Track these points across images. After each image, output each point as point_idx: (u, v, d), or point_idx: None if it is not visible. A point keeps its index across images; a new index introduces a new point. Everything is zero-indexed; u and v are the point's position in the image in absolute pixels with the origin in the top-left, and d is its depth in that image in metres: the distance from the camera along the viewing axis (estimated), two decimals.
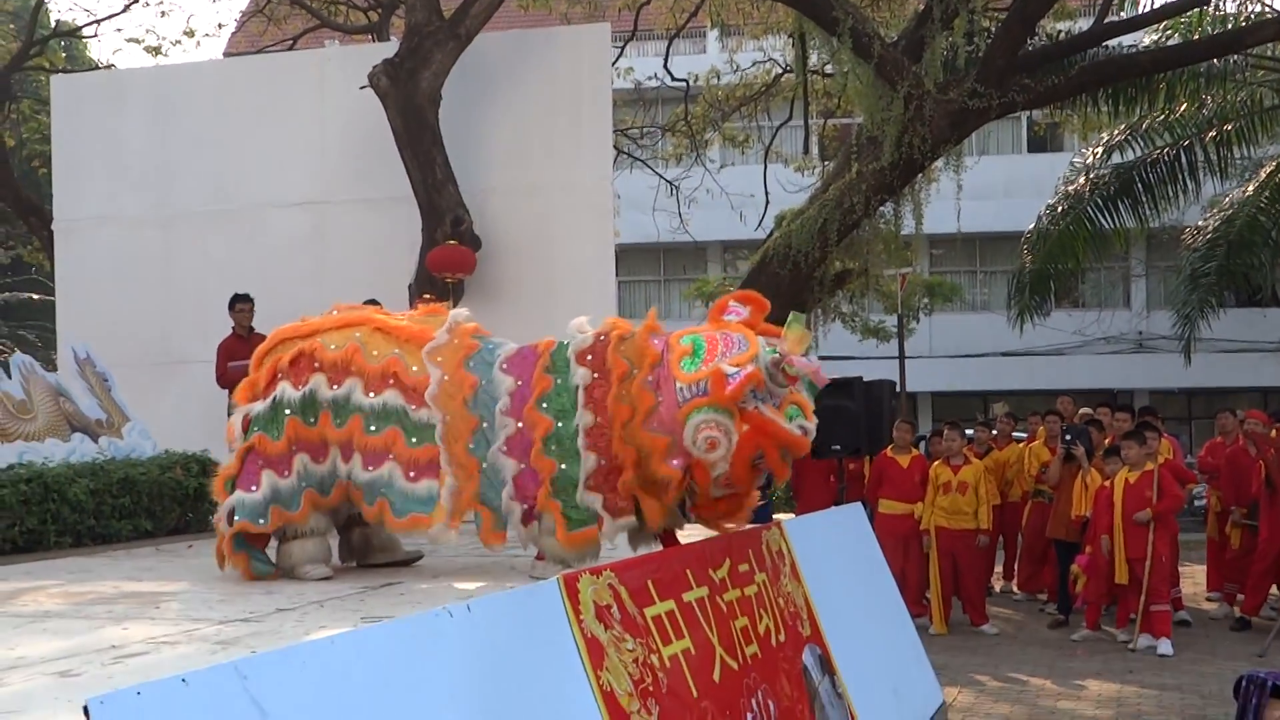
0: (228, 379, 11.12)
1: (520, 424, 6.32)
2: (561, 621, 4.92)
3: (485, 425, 6.40)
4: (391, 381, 6.56)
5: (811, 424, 6.22)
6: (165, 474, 9.61)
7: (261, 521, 6.59)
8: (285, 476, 6.59)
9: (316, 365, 6.65)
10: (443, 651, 4.24)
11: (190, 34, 36.96)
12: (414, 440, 6.47)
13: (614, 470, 6.23)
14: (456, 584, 6.46)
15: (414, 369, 6.56)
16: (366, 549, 7.19)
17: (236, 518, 6.62)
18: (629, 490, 6.21)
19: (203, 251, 13.65)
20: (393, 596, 6.05)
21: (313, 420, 6.58)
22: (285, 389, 6.64)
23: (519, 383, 6.40)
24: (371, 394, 6.54)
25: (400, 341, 6.71)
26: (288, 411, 6.61)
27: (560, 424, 6.26)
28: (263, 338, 7.30)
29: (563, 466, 6.25)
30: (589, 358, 6.33)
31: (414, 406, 6.48)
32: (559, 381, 6.34)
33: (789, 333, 6.18)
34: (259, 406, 6.71)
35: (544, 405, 6.30)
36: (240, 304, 11.79)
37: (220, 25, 30.62)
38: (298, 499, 6.61)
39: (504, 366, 6.48)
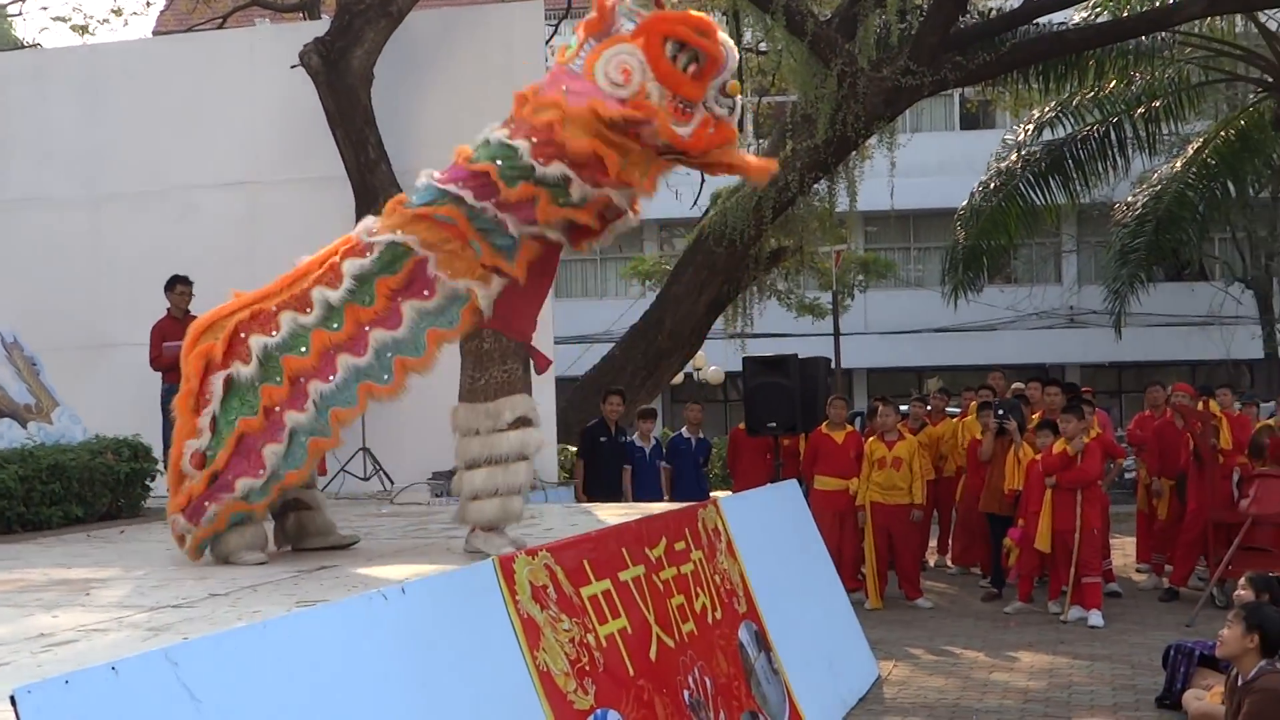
0: (163, 361, 10.99)
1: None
2: (497, 602, 4.94)
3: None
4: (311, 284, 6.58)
5: None
6: (96, 459, 9.49)
7: (260, 499, 6.57)
8: (280, 441, 6.51)
9: (244, 335, 6.58)
10: (377, 635, 4.24)
11: (118, 12, 36.51)
12: (335, 325, 6.49)
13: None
14: (391, 566, 6.45)
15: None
16: (301, 534, 7.15)
17: (252, 500, 6.55)
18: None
19: (133, 233, 13.46)
20: (327, 580, 6.03)
21: (278, 378, 6.50)
22: (239, 370, 6.55)
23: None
24: (308, 309, 6.52)
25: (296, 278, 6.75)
26: (257, 384, 6.53)
27: (500, 162, 6.31)
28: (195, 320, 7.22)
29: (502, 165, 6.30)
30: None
31: (332, 289, 6.51)
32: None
33: None
34: (215, 407, 6.59)
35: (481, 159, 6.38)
36: (181, 286, 11.63)
37: (148, 3, 30.03)
38: (303, 451, 6.54)
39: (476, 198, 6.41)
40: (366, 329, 6.43)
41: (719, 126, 6.33)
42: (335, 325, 6.47)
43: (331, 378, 6.42)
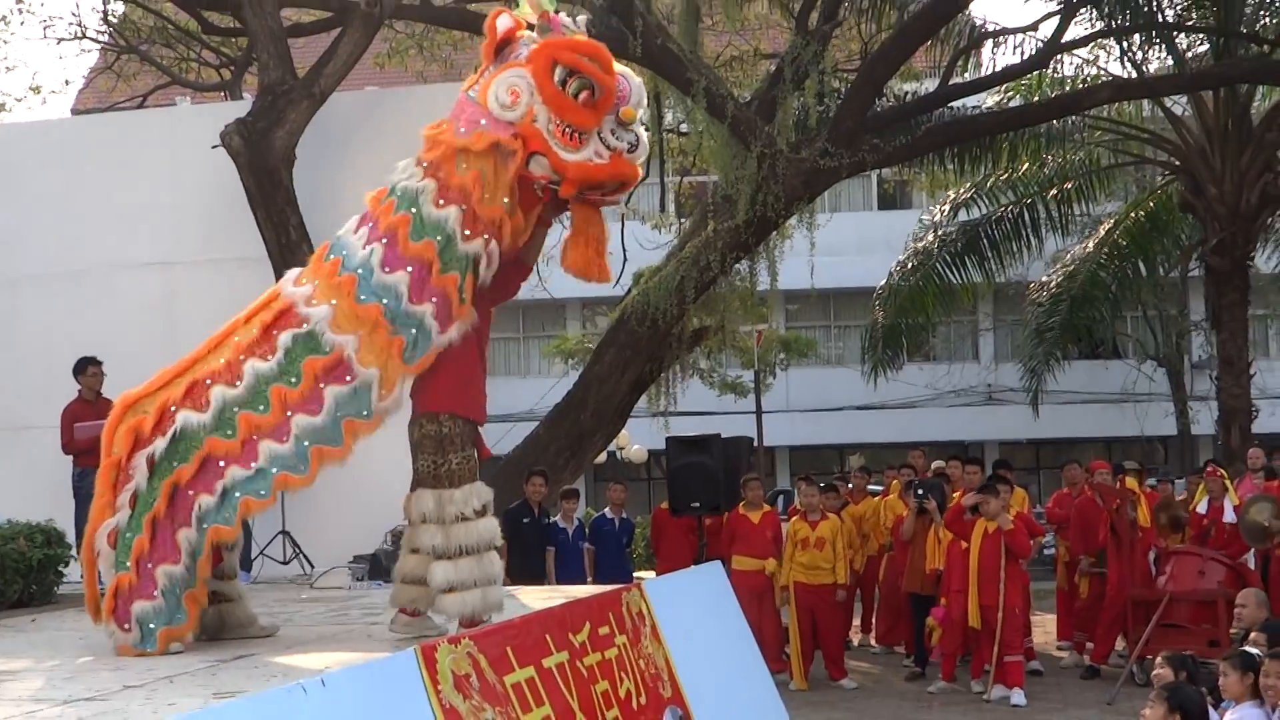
0: (75, 445, 10.78)
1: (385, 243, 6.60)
2: (419, 693, 4.87)
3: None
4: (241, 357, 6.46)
5: None
6: (8, 545, 9.28)
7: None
8: (189, 526, 6.35)
9: (173, 408, 6.44)
10: None
11: (36, 90, 36.28)
12: (261, 408, 6.33)
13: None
14: (312, 654, 6.34)
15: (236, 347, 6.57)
16: (221, 627, 6.98)
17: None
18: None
19: (49, 314, 13.25)
20: (246, 669, 5.92)
21: (188, 452, 6.34)
22: (158, 445, 6.40)
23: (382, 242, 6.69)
24: (237, 383, 6.37)
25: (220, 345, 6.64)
26: (174, 463, 6.38)
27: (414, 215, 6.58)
28: (109, 403, 7.09)
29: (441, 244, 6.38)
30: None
31: (262, 356, 6.42)
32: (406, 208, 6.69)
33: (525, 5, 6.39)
34: (140, 483, 6.43)
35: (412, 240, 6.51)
36: (91, 367, 11.44)
37: (67, 82, 29.97)
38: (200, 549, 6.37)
39: (385, 269, 6.53)
40: (289, 414, 6.31)
41: (612, 158, 6.25)
42: (261, 408, 6.34)
43: (252, 464, 6.28)
